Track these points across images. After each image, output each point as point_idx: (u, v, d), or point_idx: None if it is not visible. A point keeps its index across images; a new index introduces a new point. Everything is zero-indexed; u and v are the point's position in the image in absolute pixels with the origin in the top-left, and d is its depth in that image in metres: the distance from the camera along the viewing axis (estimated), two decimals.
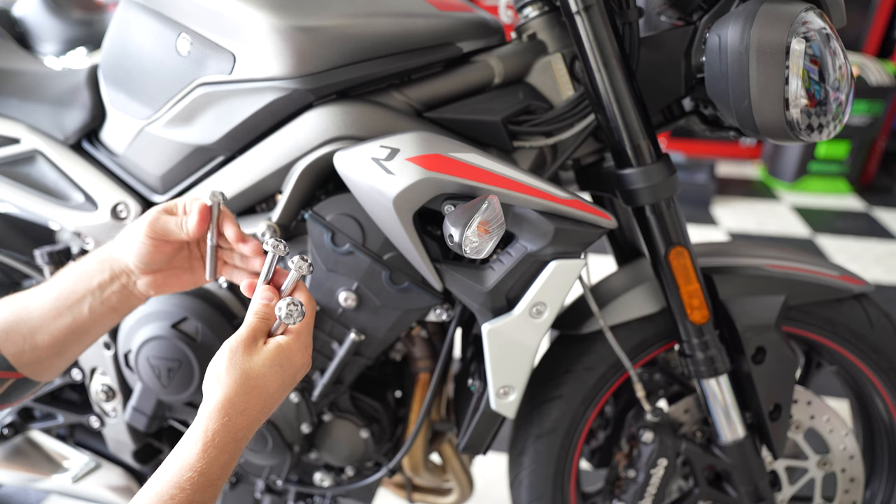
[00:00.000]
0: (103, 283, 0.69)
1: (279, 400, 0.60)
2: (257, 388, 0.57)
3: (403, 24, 0.81)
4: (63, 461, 1.15)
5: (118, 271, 0.70)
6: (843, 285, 0.95)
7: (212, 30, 0.80)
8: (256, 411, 0.57)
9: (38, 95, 1.00)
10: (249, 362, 0.57)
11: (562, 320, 1.01)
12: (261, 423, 0.59)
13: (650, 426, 0.97)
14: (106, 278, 0.70)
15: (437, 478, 1.20)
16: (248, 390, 0.56)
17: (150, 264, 0.70)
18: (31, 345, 0.67)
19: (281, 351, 0.59)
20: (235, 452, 0.56)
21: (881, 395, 1.01)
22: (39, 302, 0.68)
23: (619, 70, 0.77)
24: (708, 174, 3.53)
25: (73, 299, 0.68)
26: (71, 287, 0.69)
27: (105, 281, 0.69)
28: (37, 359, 0.68)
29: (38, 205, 0.97)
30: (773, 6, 0.69)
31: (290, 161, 0.83)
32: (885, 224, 3.33)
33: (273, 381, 0.58)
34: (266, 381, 0.57)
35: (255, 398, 0.57)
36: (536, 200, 0.74)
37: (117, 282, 0.70)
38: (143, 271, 0.70)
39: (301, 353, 0.61)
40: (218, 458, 0.54)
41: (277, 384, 0.58)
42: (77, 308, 0.68)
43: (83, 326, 0.69)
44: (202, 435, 0.54)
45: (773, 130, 0.71)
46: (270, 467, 1.03)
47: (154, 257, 0.69)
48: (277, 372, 0.58)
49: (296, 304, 0.59)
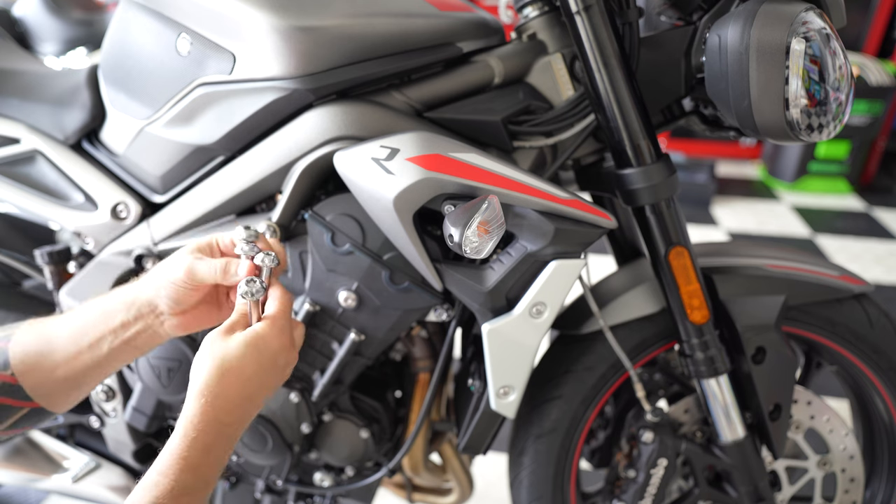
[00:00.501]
0: (127, 323, 0.67)
1: (263, 384, 0.62)
2: (232, 371, 0.58)
3: (403, 24, 0.81)
4: (63, 461, 1.15)
5: (145, 312, 0.68)
6: (843, 285, 0.95)
7: (212, 30, 0.80)
8: (235, 394, 0.59)
9: (38, 95, 1.00)
10: (224, 348, 0.59)
11: (562, 320, 1.01)
12: (245, 407, 0.60)
13: (650, 426, 0.97)
14: (130, 319, 0.68)
15: (437, 478, 1.20)
16: (223, 374, 0.58)
17: (182, 305, 0.68)
18: (51, 379, 0.66)
19: (254, 335, 0.61)
20: (219, 437, 0.57)
21: (881, 395, 1.01)
22: (60, 339, 0.67)
23: (619, 70, 0.77)
24: (708, 174, 3.53)
25: (93, 337, 0.67)
26: (92, 325, 0.67)
27: (129, 321, 0.68)
28: (54, 391, 0.67)
29: (38, 205, 0.98)
30: (773, 6, 0.69)
31: (290, 161, 0.83)
32: (885, 224, 3.33)
33: (248, 363, 0.59)
34: (241, 364, 0.59)
35: (231, 381, 0.58)
36: (536, 200, 0.74)
37: (142, 322, 0.68)
38: (173, 312, 0.69)
39: (277, 337, 0.62)
40: (198, 440, 0.56)
41: (254, 367, 0.60)
42: (97, 347, 0.67)
43: (102, 364, 0.68)
44: (183, 420, 0.57)
45: (773, 130, 0.71)
46: (270, 467, 1.03)
47: (187, 299, 0.68)
48: (252, 354, 0.60)
49: (254, 281, 0.62)
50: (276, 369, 0.63)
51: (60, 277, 1.02)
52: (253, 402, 0.61)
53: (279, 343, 0.63)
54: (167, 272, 0.67)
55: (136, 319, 0.68)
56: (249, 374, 0.59)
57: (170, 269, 0.67)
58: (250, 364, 0.60)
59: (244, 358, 0.59)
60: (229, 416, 0.58)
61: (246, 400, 0.60)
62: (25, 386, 0.65)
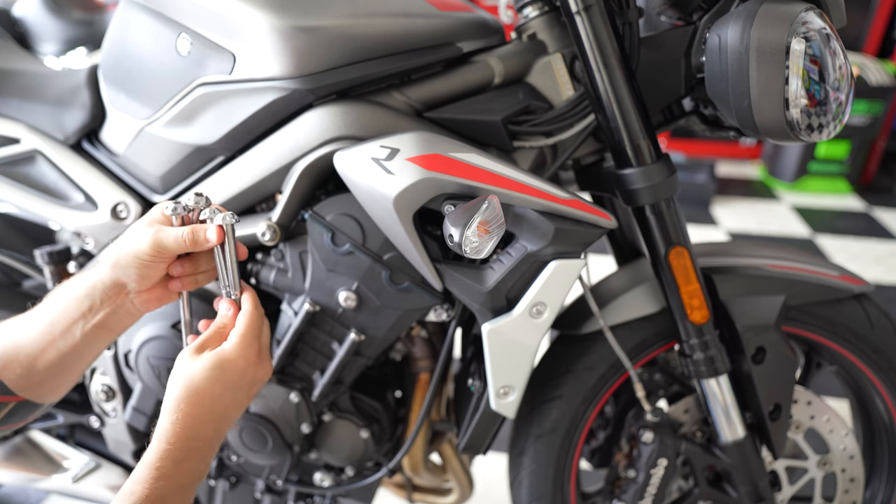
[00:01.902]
0: (94, 306, 0.67)
1: (231, 403, 0.64)
2: (199, 392, 0.61)
3: (403, 24, 0.81)
4: (63, 461, 1.15)
5: (112, 294, 0.67)
6: (843, 285, 0.95)
7: (212, 30, 0.80)
8: (203, 413, 0.62)
9: (38, 95, 1.00)
10: (191, 368, 0.62)
11: (562, 320, 1.01)
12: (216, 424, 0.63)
13: (650, 426, 0.97)
14: (97, 302, 0.67)
15: (437, 478, 1.20)
16: (190, 394, 0.61)
17: (150, 280, 0.68)
18: (29, 370, 0.67)
19: (220, 357, 0.63)
20: (190, 451, 0.60)
21: (881, 395, 1.01)
22: (31, 331, 0.67)
23: (619, 70, 0.77)
24: (708, 174, 3.53)
25: (64, 325, 0.67)
26: (61, 313, 0.67)
27: (96, 305, 0.67)
28: (37, 383, 0.68)
29: (38, 205, 0.98)
30: (773, 6, 0.69)
31: (290, 161, 0.83)
32: (885, 224, 3.32)
33: (215, 384, 0.62)
34: (208, 385, 0.62)
35: (198, 401, 0.61)
36: (536, 200, 0.74)
37: (110, 303, 0.68)
38: (141, 289, 0.68)
39: (243, 356, 0.64)
40: (169, 453, 0.59)
41: (221, 387, 0.62)
42: (70, 334, 0.67)
43: (78, 349, 0.68)
44: (157, 433, 0.61)
45: (773, 130, 0.71)
46: (270, 467, 1.03)
47: (154, 273, 0.67)
48: (218, 375, 0.62)
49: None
50: (244, 387, 0.65)
51: (60, 277, 1.02)
52: (224, 418, 0.64)
53: (245, 361, 0.64)
54: (130, 248, 0.66)
55: (104, 302, 0.67)
56: (217, 394, 0.62)
57: (133, 244, 0.65)
58: (217, 384, 0.62)
59: (211, 379, 0.62)
60: (198, 432, 0.61)
61: (215, 418, 0.63)
62: (6, 381, 0.66)
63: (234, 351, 0.64)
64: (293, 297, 0.91)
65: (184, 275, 0.70)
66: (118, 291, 0.67)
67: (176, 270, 0.70)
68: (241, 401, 0.65)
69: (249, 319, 0.67)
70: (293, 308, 0.91)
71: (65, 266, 1.02)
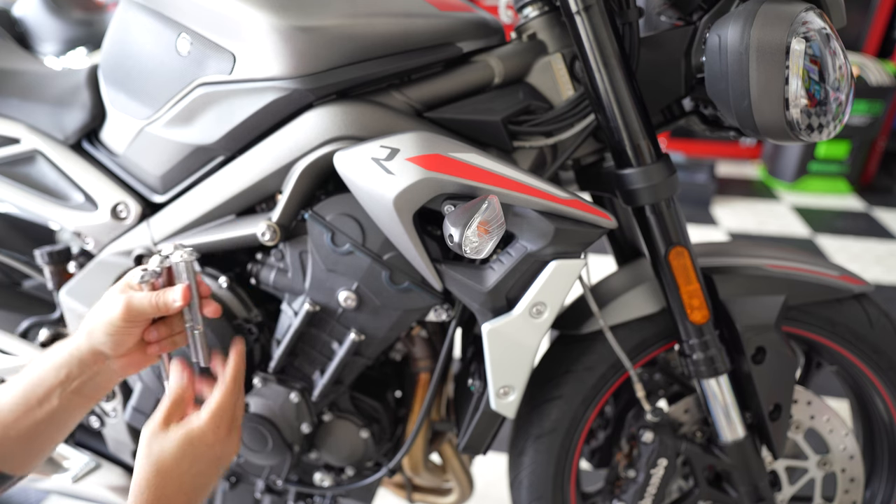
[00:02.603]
0: (71, 374, 0.67)
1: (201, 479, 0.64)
2: (168, 471, 0.62)
3: (403, 24, 0.81)
4: (63, 461, 1.15)
5: (89, 362, 0.67)
6: (843, 285, 0.95)
7: (212, 30, 0.80)
8: (173, 490, 0.62)
9: (38, 95, 1.00)
10: (160, 450, 0.63)
11: (562, 320, 1.01)
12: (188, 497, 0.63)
13: (650, 426, 0.97)
14: (75, 371, 0.67)
15: (437, 478, 1.20)
16: (159, 473, 0.62)
17: (124, 345, 0.67)
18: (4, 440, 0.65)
19: (189, 434, 0.63)
20: None
21: (881, 395, 1.01)
22: (6, 399, 0.66)
23: (619, 70, 0.77)
24: (708, 174, 3.53)
25: (41, 393, 0.66)
26: (37, 381, 0.66)
27: (73, 372, 0.67)
28: (10, 453, 0.66)
29: (38, 205, 0.98)
30: (773, 6, 0.69)
31: (290, 161, 0.83)
32: (885, 224, 3.32)
33: (184, 462, 0.63)
34: (176, 463, 0.62)
35: (168, 480, 0.62)
36: (536, 200, 0.74)
37: (88, 371, 0.67)
38: (117, 355, 0.68)
39: (213, 431, 0.64)
40: None
41: (189, 463, 0.63)
42: (47, 401, 0.66)
43: (55, 417, 0.67)
44: None
45: (773, 130, 0.71)
46: (270, 467, 1.03)
47: (128, 339, 0.67)
48: (188, 451, 0.63)
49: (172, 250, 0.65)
50: (213, 463, 0.65)
51: (60, 277, 1.02)
52: (195, 491, 0.64)
53: (215, 437, 0.65)
54: (103, 315, 0.66)
55: (81, 370, 0.67)
56: (185, 470, 0.63)
57: (105, 312, 0.66)
58: (186, 461, 0.63)
59: (179, 456, 0.62)
60: None
61: (186, 490, 0.63)
62: None
63: (204, 426, 0.64)
64: (293, 297, 0.91)
65: (160, 339, 0.70)
66: (95, 359, 0.67)
67: (151, 336, 0.69)
68: (210, 476, 0.65)
69: (225, 395, 0.67)
70: (293, 308, 0.91)
71: (65, 266, 1.02)
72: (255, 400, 0.95)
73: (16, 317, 1.09)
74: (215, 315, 0.69)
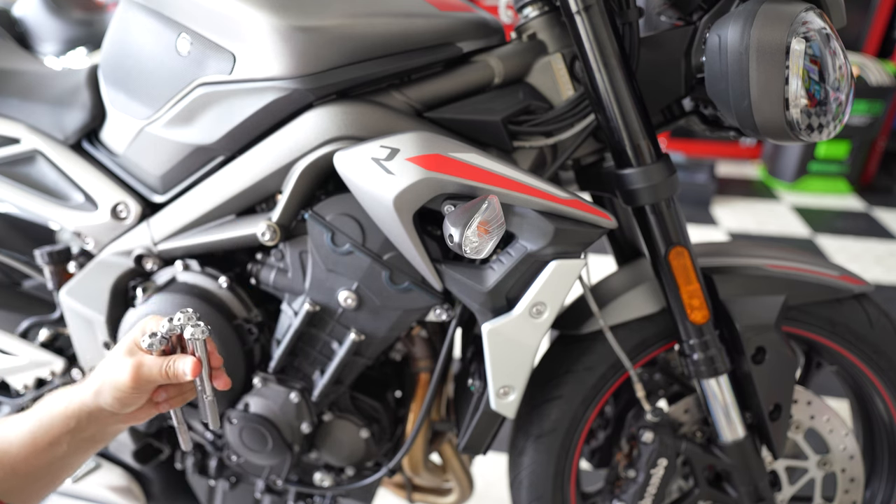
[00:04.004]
0: (81, 425, 0.66)
1: None
2: None
3: (403, 24, 0.81)
4: None
5: (97, 415, 0.67)
6: (843, 285, 0.95)
7: (212, 30, 0.80)
8: None
9: (38, 95, 1.00)
10: None
11: (562, 320, 1.01)
12: None
13: (650, 426, 0.97)
14: (83, 422, 0.66)
15: (437, 478, 1.20)
16: None
17: (132, 407, 0.66)
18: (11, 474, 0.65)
19: None
20: None
21: (881, 395, 1.01)
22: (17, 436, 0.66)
23: (619, 70, 0.77)
24: (708, 174, 3.53)
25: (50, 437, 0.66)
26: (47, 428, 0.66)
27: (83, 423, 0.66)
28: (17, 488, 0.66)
29: (38, 205, 0.98)
30: (773, 6, 0.69)
31: (290, 161, 0.83)
32: (885, 224, 3.32)
33: None
34: None
35: None
36: (536, 200, 0.74)
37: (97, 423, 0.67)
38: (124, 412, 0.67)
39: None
40: None
41: None
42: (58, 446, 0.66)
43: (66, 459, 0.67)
44: None
45: (773, 130, 0.71)
46: (270, 467, 1.03)
47: (135, 402, 0.66)
48: None
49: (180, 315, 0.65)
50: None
51: (60, 277, 1.02)
52: None
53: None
54: (111, 378, 0.64)
55: (90, 423, 0.67)
56: None
57: (113, 375, 0.64)
58: None
59: None
60: None
61: None
62: None
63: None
64: (293, 297, 0.91)
65: (169, 399, 0.69)
66: (104, 414, 0.66)
67: (160, 397, 0.68)
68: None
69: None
70: (293, 308, 0.91)
71: (65, 266, 1.02)
72: (255, 400, 0.95)
73: (16, 317, 1.09)
74: (225, 388, 0.67)
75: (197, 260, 0.94)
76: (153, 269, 0.95)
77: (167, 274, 0.95)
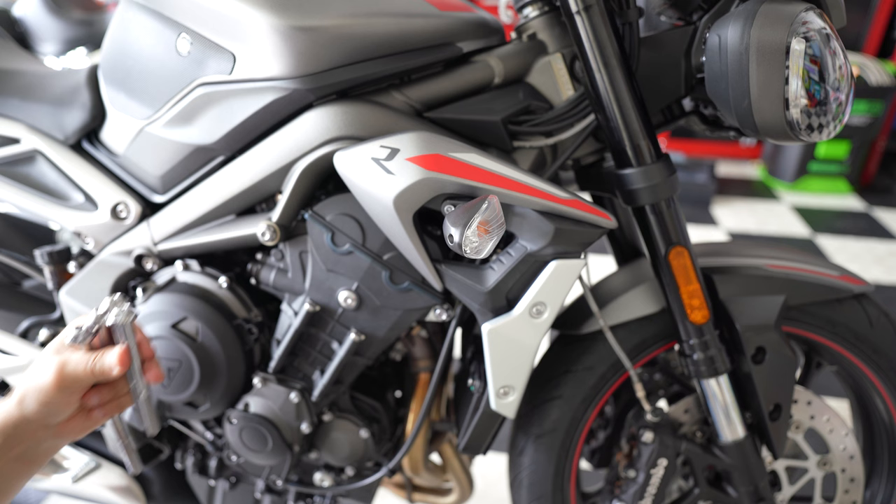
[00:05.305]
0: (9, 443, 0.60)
1: None
2: None
3: (403, 24, 0.81)
4: (63, 461, 1.15)
5: (25, 429, 0.60)
6: (843, 285, 0.95)
7: (212, 30, 0.80)
8: None
9: (38, 95, 1.00)
10: None
11: (562, 320, 1.01)
12: None
13: (650, 426, 0.97)
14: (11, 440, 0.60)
15: (437, 478, 1.20)
16: None
17: (61, 415, 0.60)
18: None
19: None
20: None
21: (881, 395, 1.01)
22: None
23: (619, 70, 0.77)
24: (708, 174, 3.53)
25: None
26: None
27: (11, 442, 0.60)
28: None
29: (38, 205, 0.98)
30: (773, 6, 0.69)
31: (290, 161, 0.83)
32: (885, 224, 3.32)
33: None
34: None
35: None
36: (536, 200, 0.74)
37: (27, 438, 0.61)
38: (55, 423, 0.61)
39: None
40: None
41: None
42: None
43: None
44: None
45: (773, 130, 0.71)
46: (270, 467, 1.03)
47: (63, 408, 0.60)
48: None
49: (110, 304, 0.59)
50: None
51: (60, 277, 1.02)
52: None
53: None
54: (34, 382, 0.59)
55: (19, 438, 0.60)
56: None
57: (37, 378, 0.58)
58: None
59: None
60: None
61: None
62: None
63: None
64: (293, 297, 0.91)
65: (103, 403, 0.62)
66: (32, 427, 0.60)
67: (93, 401, 0.62)
68: None
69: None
70: (293, 308, 0.91)
71: (65, 266, 1.02)
72: (255, 400, 0.95)
73: (16, 317, 1.09)
74: (157, 381, 0.62)
75: (197, 260, 0.94)
76: (153, 269, 0.95)
77: (167, 274, 0.95)
